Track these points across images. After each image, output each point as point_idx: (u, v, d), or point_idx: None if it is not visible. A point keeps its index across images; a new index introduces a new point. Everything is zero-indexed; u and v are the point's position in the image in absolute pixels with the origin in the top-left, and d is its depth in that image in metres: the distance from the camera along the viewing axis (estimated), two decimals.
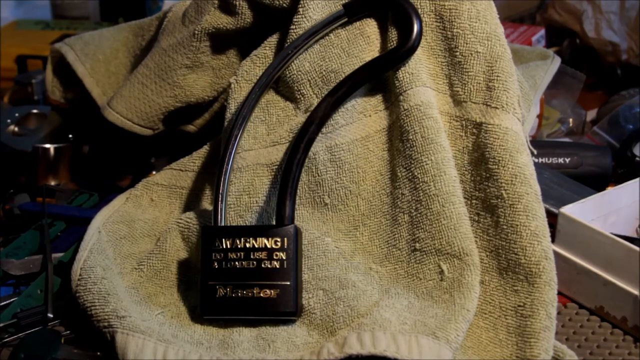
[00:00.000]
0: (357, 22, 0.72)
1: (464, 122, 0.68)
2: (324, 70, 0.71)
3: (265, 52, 0.74)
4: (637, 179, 0.79)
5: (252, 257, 0.64)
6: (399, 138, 0.68)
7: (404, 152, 0.67)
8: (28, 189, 0.90)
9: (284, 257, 0.64)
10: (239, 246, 0.64)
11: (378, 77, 0.70)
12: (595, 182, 0.87)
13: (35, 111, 1.00)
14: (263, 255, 0.64)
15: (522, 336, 0.61)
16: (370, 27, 0.72)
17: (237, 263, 0.64)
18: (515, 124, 0.66)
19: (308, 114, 0.69)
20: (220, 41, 0.79)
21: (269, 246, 0.64)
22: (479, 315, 0.63)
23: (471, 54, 0.68)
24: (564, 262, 0.73)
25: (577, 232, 0.72)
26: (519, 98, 0.68)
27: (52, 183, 0.93)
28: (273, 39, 0.74)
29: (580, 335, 0.70)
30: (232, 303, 0.64)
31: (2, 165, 0.93)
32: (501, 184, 0.65)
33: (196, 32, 0.78)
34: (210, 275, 0.64)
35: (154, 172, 0.89)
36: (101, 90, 0.89)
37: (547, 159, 0.89)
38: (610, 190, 0.80)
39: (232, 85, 0.74)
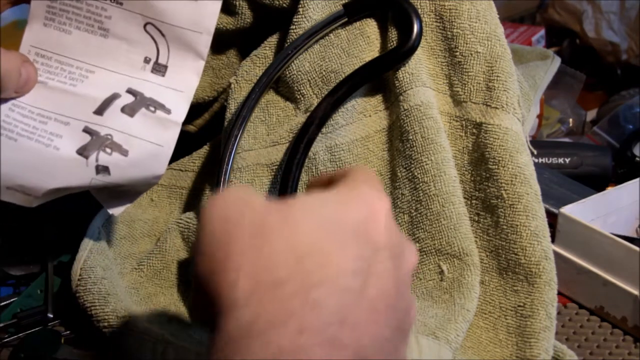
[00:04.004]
0: (357, 22, 0.72)
1: (464, 122, 0.68)
2: (324, 70, 0.71)
3: (265, 52, 0.74)
4: (637, 179, 0.80)
5: None
6: (399, 138, 0.68)
7: (403, 152, 0.67)
8: None
9: None
10: None
11: (378, 77, 0.70)
12: (595, 182, 0.87)
13: None
14: None
15: (522, 336, 0.61)
16: (370, 27, 0.72)
17: None
18: (515, 124, 0.66)
19: (308, 114, 0.69)
20: (220, 41, 0.79)
21: None
22: (479, 315, 0.63)
23: (471, 54, 0.68)
24: (564, 262, 0.73)
25: (577, 232, 0.72)
26: (519, 98, 0.68)
27: None
28: (273, 39, 0.74)
29: (580, 335, 0.70)
30: None
31: None
32: (501, 184, 0.65)
33: None
34: None
35: None
36: None
37: (547, 159, 0.89)
38: (610, 190, 0.80)
39: (232, 85, 0.74)
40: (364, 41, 0.71)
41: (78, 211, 0.82)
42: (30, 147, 0.57)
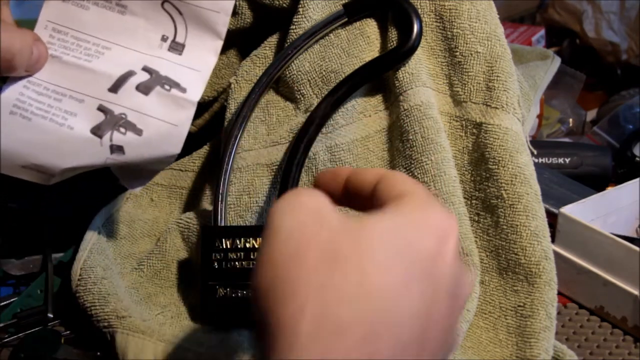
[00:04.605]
0: (357, 22, 0.72)
1: (464, 122, 0.68)
2: (324, 70, 0.71)
3: (265, 52, 0.74)
4: (637, 179, 0.80)
5: (252, 257, 0.64)
6: (399, 138, 0.68)
7: (403, 152, 0.67)
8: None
9: None
10: (239, 246, 0.64)
11: (378, 77, 0.70)
12: (595, 182, 0.87)
13: None
14: None
15: (522, 336, 0.61)
16: (370, 27, 0.72)
17: (237, 263, 0.64)
18: (515, 124, 0.66)
19: (308, 114, 0.69)
20: None
21: None
22: (479, 315, 0.63)
23: (471, 54, 0.68)
24: (564, 262, 0.73)
25: (577, 232, 0.72)
26: (519, 98, 0.68)
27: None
28: (273, 39, 0.74)
29: (580, 335, 0.70)
30: (232, 303, 0.64)
31: None
32: (501, 184, 0.65)
33: None
34: (210, 275, 0.64)
35: None
36: None
37: (547, 159, 0.89)
38: (610, 190, 0.80)
39: (232, 85, 0.74)
40: (364, 41, 0.71)
41: (78, 212, 0.82)
42: (45, 126, 0.56)
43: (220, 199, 0.67)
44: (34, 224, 0.80)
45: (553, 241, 0.70)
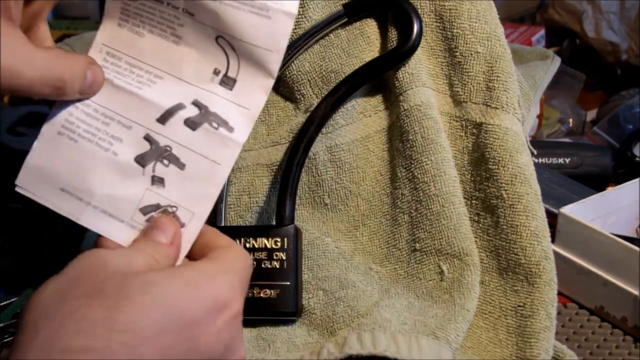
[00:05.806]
0: (357, 22, 0.72)
1: (464, 123, 0.68)
2: (324, 71, 0.71)
3: None
4: (637, 179, 0.80)
5: (252, 257, 0.64)
6: (399, 138, 0.68)
7: (403, 152, 0.67)
8: None
9: (284, 258, 0.64)
10: None
11: (378, 77, 0.70)
12: (595, 182, 0.87)
13: (35, 111, 1.00)
14: (263, 255, 0.64)
15: (522, 336, 0.61)
16: (370, 27, 0.72)
17: None
18: (515, 124, 0.67)
19: (308, 114, 0.69)
20: None
21: (269, 246, 0.64)
22: (479, 315, 0.63)
23: (471, 54, 0.68)
24: (564, 262, 0.73)
25: (577, 232, 0.72)
26: (519, 98, 0.68)
27: None
28: None
29: (580, 335, 0.70)
30: None
31: (2, 165, 0.93)
32: (501, 184, 0.65)
33: None
34: None
35: None
36: None
37: (547, 159, 0.89)
38: (610, 190, 0.80)
39: None
40: (364, 41, 0.71)
41: None
42: (90, 149, 0.56)
43: (220, 199, 0.67)
44: (34, 224, 0.80)
45: (553, 241, 0.71)
